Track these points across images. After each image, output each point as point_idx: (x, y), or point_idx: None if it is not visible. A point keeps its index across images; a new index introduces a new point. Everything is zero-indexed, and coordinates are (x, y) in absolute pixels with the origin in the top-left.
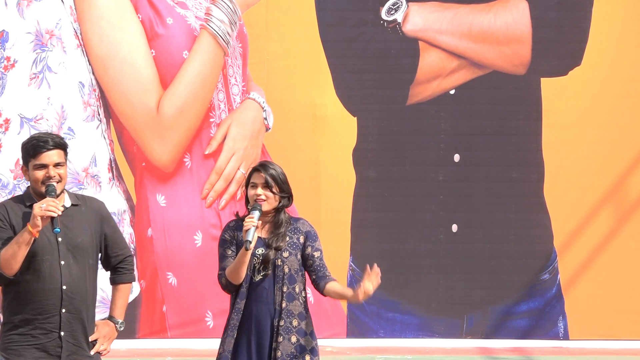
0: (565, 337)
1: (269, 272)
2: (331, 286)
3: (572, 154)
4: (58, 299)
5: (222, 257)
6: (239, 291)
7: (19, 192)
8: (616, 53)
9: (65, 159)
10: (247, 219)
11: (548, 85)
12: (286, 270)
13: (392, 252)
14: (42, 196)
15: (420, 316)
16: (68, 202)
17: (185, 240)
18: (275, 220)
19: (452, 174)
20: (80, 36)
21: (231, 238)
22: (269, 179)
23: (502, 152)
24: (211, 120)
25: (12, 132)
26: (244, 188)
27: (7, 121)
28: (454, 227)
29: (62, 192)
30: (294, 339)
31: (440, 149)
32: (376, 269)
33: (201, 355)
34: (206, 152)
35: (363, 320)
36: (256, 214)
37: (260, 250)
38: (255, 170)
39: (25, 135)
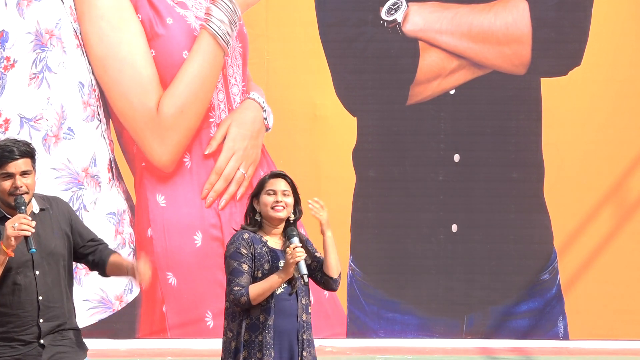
0: (565, 337)
1: (297, 284)
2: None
3: (572, 154)
4: (35, 310)
5: (238, 272)
6: (266, 307)
7: None
8: (616, 53)
9: (33, 167)
10: (295, 251)
11: (548, 85)
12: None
13: (392, 252)
14: (9, 206)
15: (420, 316)
16: (36, 208)
17: (185, 240)
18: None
19: (452, 174)
20: (80, 36)
21: (247, 253)
22: (288, 187)
23: (502, 152)
24: (211, 120)
25: (12, 132)
26: (244, 188)
27: (6, 121)
28: (454, 227)
29: (29, 201)
30: (312, 351)
31: (440, 149)
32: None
33: (201, 355)
34: (206, 152)
35: (363, 320)
36: (297, 240)
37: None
38: (272, 176)
39: (25, 135)
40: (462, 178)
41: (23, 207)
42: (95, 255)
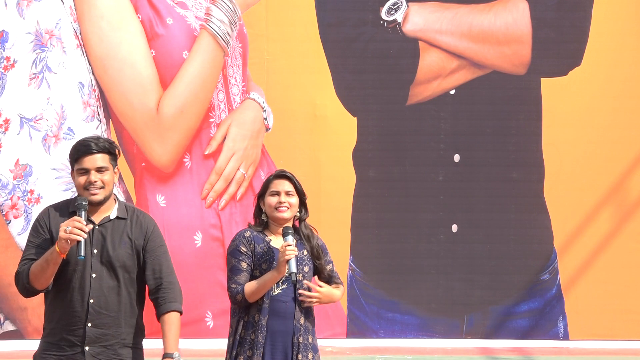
0: (565, 337)
1: (299, 286)
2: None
3: (572, 154)
4: (84, 313)
5: (236, 270)
6: (261, 307)
7: (19, 193)
8: (616, 53)
9: (112, 165)
10: (287, 248)
11: (548, 85)
12: (305, 285)
13: (392, 252)
14: (87, 202)
15: (420, 316)
16: (114, 214)
17: (185, 241)
18: (301, 233)
19: (452, 174)
20: (80, 36)
21: (247, 251)
22: (296, 185)
23: (502, 152)
24: (211, 120)
25: (12, 132)
26: (244, 188)
27: (7, 121)
28: (454, 227)
29: (106, 199)
30: (310, 355)
31: (440, 149)
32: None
33: (201, 355)
34: (206, 152)
35: (363, 320)
36: (291, 239)
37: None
38: (276, 177)
39: (25, 135)
40: (462, 178)
41: (82, 210)
42: (155, 297)
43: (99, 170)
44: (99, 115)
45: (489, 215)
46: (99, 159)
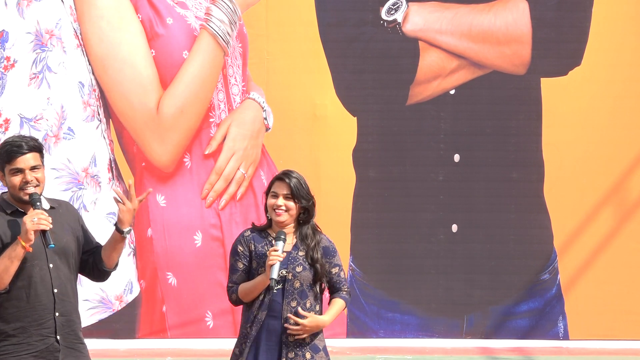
0: (565, 337)
1: (287, 285)
2: (331, 302)
3: (572, 154)
4: (51, 303)
5: (233, 270)
6: (260, 302)
7: None
8: (616, 53)
9: (42, 162)
10: (272, 253)
11: (548, 85)
12: (297, 285)
13: (392, 252)
14: (20, 201)
15: (420, 316)
16: (47, 206)
17: (185, 240)
18: (300, 233)
19: (452, 174)
20: (80, 36)
21: (244, 251)
22: (292, 189)
23: (502, 152)
24: (211, 120)
25: (12, 132)
26: (243, 188)
27: (7, 121)
28: (454, 227)
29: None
30: (308, 355)
31: (440, 149)
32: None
33: (201, 355)
34: (206, 152)
35: (363, 320)
36: (280, 244)
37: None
38: (278, 179)
39: None
40: (462, 178)
41: (38, 203)
42: (94, 256)
43: (33, 169)
44: (99, 115)
45: (489, 215)
46: (32, 158)
